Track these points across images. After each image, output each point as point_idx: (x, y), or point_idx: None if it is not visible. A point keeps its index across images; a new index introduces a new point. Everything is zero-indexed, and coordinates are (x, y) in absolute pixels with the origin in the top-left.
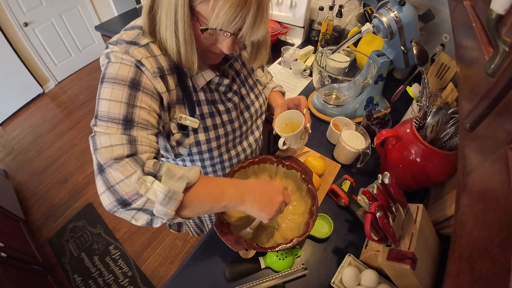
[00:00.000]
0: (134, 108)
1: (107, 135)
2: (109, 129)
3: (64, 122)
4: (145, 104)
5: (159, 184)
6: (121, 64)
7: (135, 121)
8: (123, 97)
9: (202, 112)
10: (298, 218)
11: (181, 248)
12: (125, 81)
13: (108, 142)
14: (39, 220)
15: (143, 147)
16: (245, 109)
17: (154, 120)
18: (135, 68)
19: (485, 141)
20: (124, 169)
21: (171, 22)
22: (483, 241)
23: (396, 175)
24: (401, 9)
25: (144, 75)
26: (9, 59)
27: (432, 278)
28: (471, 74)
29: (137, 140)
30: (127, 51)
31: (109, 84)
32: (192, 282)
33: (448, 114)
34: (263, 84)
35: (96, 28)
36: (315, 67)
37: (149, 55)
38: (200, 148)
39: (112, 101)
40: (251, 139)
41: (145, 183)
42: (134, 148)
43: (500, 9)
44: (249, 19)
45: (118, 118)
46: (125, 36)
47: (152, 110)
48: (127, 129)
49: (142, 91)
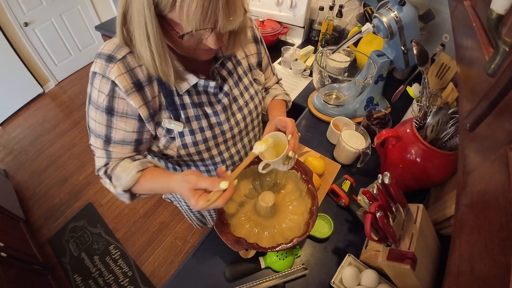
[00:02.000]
0: (112, 130)
1: (96, 148)
2: (96, 143)
3: (64, 122)
4: (119, 128)
5: (111, 186)
6: (99, 92)
7: (112, 140)
8: (103, 121)
9: (187, 115)
10: (298, 218)
11: (181, 248)
12: (102, 108)
13: (97, 154)
14: (39, 220)
15: (114, 159)
16: (238, 110)
17: (130, 137)
18: (108, 96)
19: (485, 141)
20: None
21: (144, 37)
22: (483, 241)
23: (396, 175)
24: (401, 9)
25: (117, 99)
26: (9, 59)
27: (432, 278)
28: (471, 74)
29: (112, 154)
30: (104, 72)
31: (93, 107)
32: (192, 282)
33: (448, 114)
34: (262, 83)
35: (96, 28)
36: (315, 67)
37: (124, 70)
38: (188, 151)
39: (97, 122)
40: (245, 141)
41: (106, 183)
42: (108, 160)
43: (500, 9)
44: (220, 10)
45: (101, 135)
46: (106, 49)
47: (125, 131)
48: (106, 145)
49: (116, 115)
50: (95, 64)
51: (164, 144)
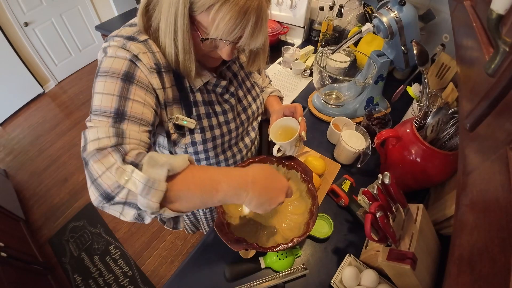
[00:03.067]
0: (127, 101)
1: (95, 128)
2: (99, 122)
3: (64, 122)
4: (139, 97)
5: (138, 173)
6: (115, 58)
7: (127, 114)
8: (115, 90)
9: (199, 112)
10: (298, 218)
11: (181, 248)
12: (118, 74)
13: (96, 135)
14: (39, 220)
15: (130, 140)
16: (242, 111)
17: (150, 114)
18: (129, 62)
19: (485, 141)
20: (106, 159)
21: (171, 30)
22: (483, 241)
23: (396, 175)
24: (401, 9)
25: (138, 69)
26: (9, 59)
27: (432, 278)
28: (471, 74)
29: (125, 133)
30: (124, 45)
31: (102, 77)
32: (192, 282)
33: (448, 114)
34: (261, 87)
35: (97, 28)
36: (315, 67)
37: (147, 50)
38: (196, 149)
39: (105, 94)
40: (246, 140)
41: (125, 172)
42: (121, 140)
43: (500, 9)
44: (248, 29)
45: (110, 111)
46: (123, 32)
47: (147, 103)
48: (117, 122)
49: (136, 84)
50: (111, 42)
51: (174, 140)
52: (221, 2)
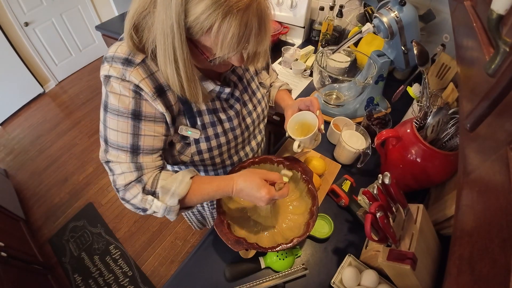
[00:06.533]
0: (139, 137)
1: (118, 163)
2: (119, 157)
3: (65, 122)
4: (149, 131)
5: (157, 202)
6: (120, 96)
7: (140, 148)
8: (128, 129)
9: (203, 122)
10: (298, 218)
11: (181, 248)
12: (127, 113)
13: (120, 170)
14: (40, 219)
15: (148, 170)
16: (247, 115)
17: (160, 143)
18: (133, 98)
19: (485, 142)
20: (132, 191)
21: (171, 60)
22: (483, 241)
23: (396, 175)
24: (401, 9)
25: (144, 101)
26: (9, 59)
27: (432, 278)
28: (471, 74)
29: (143, 166)
30: (124, 76)
31: (114, 115)
32: (192, 282)
33: (448, 115)
34: (267, 86)
35: (97, 27)
36: (316, 67)
37: (145, 75)
38: (202, 157)
39: (120, 132)
40: (253, 144)
41: (147, 201)
42: (141, 173)
43: (501, 9)
44: (253, 37)
45: (126, 147)
46: (120, 51)
47: (157, 133)
48: (134, 156)
49: (144, 120)
50: (110, 68)
51: (179, 150)
52: (219, 21)
